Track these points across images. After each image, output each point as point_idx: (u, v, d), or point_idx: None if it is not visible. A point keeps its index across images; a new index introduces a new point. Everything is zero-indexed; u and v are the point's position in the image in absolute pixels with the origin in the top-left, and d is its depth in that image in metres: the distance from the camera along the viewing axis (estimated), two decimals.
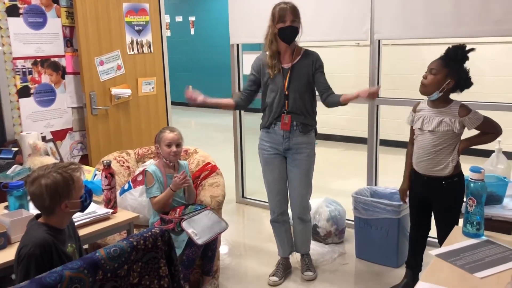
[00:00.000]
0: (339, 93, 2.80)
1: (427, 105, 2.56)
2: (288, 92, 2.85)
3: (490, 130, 2.51)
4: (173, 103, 4.48)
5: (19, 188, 2.36)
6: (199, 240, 2.61)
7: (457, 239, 1.93)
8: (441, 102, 2.50)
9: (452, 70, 2.44)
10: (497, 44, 5.54)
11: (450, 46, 2.48)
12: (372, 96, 2.64)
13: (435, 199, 2.61)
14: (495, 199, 2.52)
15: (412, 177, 2.70)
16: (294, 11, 2.78)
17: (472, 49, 2.45)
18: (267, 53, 2.91)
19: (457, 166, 2.54)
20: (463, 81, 2.47)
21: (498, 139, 2.79)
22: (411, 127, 2.66)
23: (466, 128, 2.50)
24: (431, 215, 2.70)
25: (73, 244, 1.95)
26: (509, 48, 5.61)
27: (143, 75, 4.04)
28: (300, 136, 2.89)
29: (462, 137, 2.53)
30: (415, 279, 2.81)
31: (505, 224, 2.36)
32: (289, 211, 3.13)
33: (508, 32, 2.98)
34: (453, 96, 2.52)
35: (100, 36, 3.68)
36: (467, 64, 2.47)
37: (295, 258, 3.28)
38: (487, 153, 2.95)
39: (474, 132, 2.54)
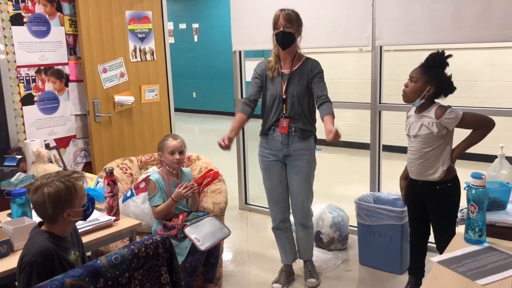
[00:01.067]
0: (330, 109, 2.74)
1: (414, 111, 2.60)
2: (286, 96, 2.85)
3: (476, 126, 2.47)
4: (176, 110, 4.49)
5: (22, 195, 2.37)
6: (202, 246, 2.61)
7: (459, 246, 1.92)
8: (425, 107, 2.52)
9: (431, 76, 2.46)
10: (495, 50, 5.54)
11: (430, 53, 2.51)
12: (333, 138, 2.51)
13: (430, 203, 2.62)
14: (499, 205, 2.50)
15: (408, 183, 2.71)
16: (288, 17, 2.78)
17: (449, 55, 2.48)
18: (269, 58, 2.93)
19: (451, 171, 2.54)
20: (444, 87, 2.49)
21: (500, 144, 2.79)
22: None
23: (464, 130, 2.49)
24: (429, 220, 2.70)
25: (76, 251, 1.96)
26: (507, 53, 5.60)
27: (146, 82, 4.05)
28: (299, 142, 2.89)
29: (460, 139, 2.53)
30: (418, 285, 2.79)
31: (509, 230, 2.33)
32: (291, 218, 3.13)
33: (509, 37, 2.98)
34: (449, 98, 2.53)
35: (103, 44, 3.70)
36: (459, 70, 2.48)
37: (298, 265, 3.27)
38: (490, 159, 2.94)
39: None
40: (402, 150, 2.80)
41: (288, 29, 2.78)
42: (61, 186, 1.81)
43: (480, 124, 2.47)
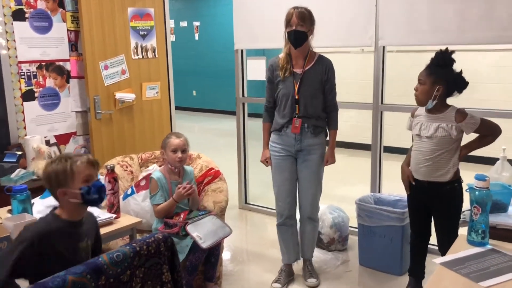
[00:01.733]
0: (335, 123, 2.99)
1: (425, 111, 2.57)
2: (299, 96, 2.84)
3: (489, 132, 2.51)
4: (177, 108, 4.48)
5: (23, 192, 2.36)
6: (204, 244, 2.60)
7: (462, 248, 1.92)
8: (438, 108, 2.51)
9: (437, 76, 2.46)
10: (499, 51, 5.54)
11: (435, 53, 2.51)
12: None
13: (436, 204, 2.61)
14: (500, 207, 2.50)
15: (412, 184, 2.69)
16: (301, 15, 2.75)
17: (452, 51, 2.48)
18: (280, 56, 2.92)
19: (457, 172, 2.55)
20: (454, 84, 2.48)
21: (503, 146, 2.79)
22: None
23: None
24: (431, 221, 2.69)
25: (88, 241, 1.96)
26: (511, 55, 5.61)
27: (147, 79, 4.04)
28: (311, 138, 2.90)
29: (462, 141, 2.53)
30: (418, 287, 2.79)
31: (510, 233, 2.34)
32: (296, 216, 3.12)
33: None
34: (452, 99, 2.53)
35: (105, 41, 3.69)
36: (466, 67, 2.47)
37: (297, 265, 3.26)
38: (492, 161, 2.93)
39: (474, 135, 2.54)
40: (403, 151, 2.80)
41: (301, 27, 2.76)
42: (59, 165, 1.85)
43: (492, 131, 2.51)
